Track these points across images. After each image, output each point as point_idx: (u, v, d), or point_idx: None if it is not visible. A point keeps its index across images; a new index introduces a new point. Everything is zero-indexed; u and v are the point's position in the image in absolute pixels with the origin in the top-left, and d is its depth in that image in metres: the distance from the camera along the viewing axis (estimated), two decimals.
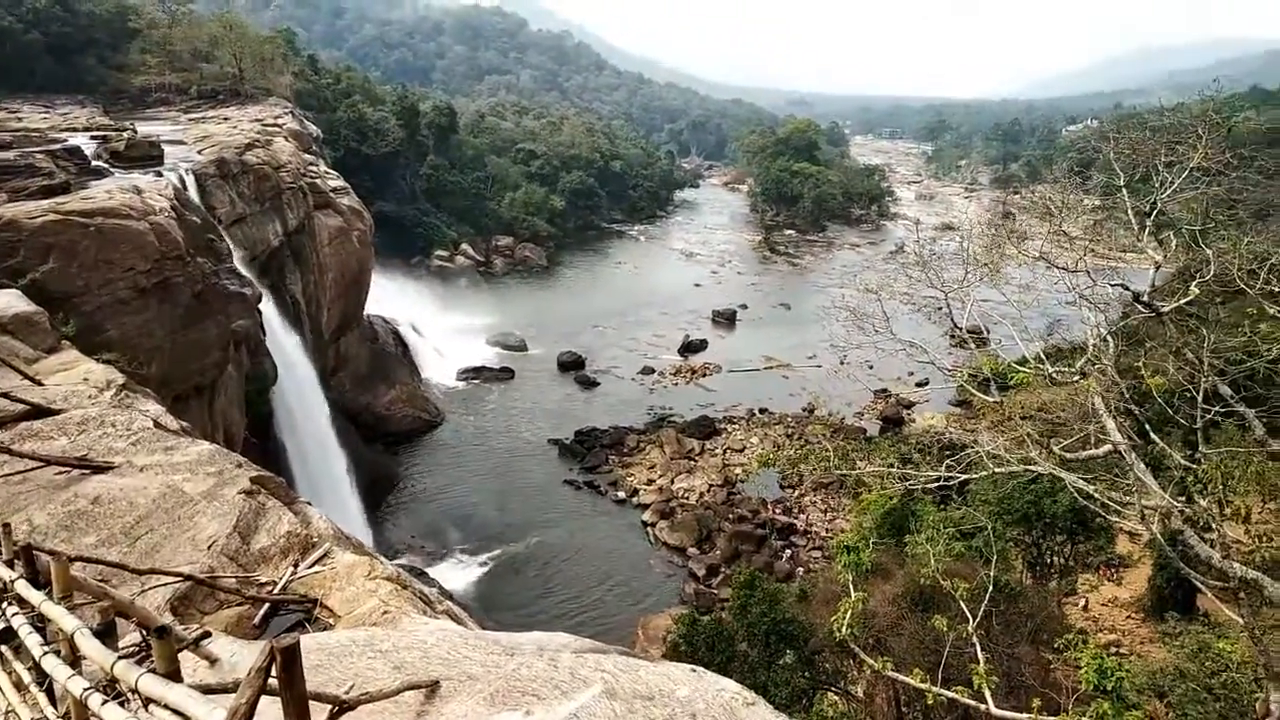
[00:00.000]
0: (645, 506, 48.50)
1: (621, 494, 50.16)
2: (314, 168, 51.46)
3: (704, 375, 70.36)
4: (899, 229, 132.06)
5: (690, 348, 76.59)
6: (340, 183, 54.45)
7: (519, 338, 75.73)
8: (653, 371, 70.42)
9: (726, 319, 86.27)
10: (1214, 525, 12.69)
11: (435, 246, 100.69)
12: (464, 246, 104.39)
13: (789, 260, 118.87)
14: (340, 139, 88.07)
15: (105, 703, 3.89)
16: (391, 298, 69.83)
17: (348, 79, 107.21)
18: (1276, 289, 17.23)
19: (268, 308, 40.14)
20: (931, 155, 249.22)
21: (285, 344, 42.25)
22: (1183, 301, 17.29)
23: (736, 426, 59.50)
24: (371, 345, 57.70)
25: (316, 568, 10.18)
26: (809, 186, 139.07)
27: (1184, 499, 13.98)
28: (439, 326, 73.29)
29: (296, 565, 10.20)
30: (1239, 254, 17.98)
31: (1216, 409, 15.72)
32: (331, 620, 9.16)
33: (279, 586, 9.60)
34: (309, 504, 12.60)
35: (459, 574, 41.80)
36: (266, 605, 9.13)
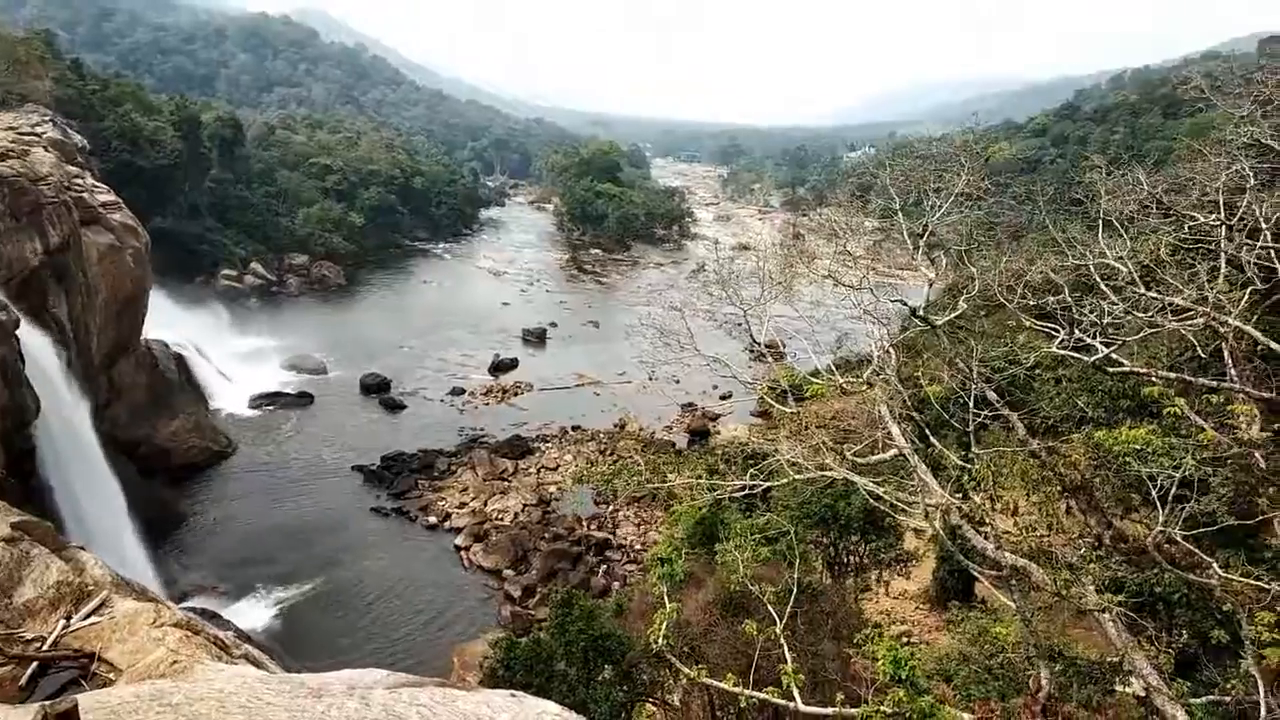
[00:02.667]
0: (458, 530, 47.32)
1: (432, 519, 48.73)
2: (80, 180, 46.91)
3: (516, 394, 69.83)
4: (699, 248, 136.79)
5: (501, 367, 75.90)
6: (111, 197, 49.89)
7: (318, 360, 72.05)
8: (463, 392, 69.10)
9: (537, 337, 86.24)
10: (987, 519, 13.89)
11: (222, 265, 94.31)
12: (254, 265, 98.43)
13: (596, 279, 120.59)
14: (110, 150, 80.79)
15: None
16: (173, 321, 64.38)
17: (117, 86, 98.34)
18: (1031, 303, 19.29)
19: (27, 334, 36.22)
20: (727, 178, 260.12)
21: (49, 373, 38.28)
22: (953, 315, 18.95)
23: (550, 445, 59.44)
24: (151, 372, 53.11)
25: (93, 619, 9.25)
26: (613, 207, 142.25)
27: (961, 496, 15.24)
28: (228, 350, 68.53)
29: (69, 618, 9.22)
30: (999, 271, 20.00)
31: (985, 413, 17.28)
32: (112, 675, 8.34)
33: (48, 642, 8.65)
34: (82, 549, 11.42)
35: (259, 614, 39.09)
36: (34, 664, 8.19)
